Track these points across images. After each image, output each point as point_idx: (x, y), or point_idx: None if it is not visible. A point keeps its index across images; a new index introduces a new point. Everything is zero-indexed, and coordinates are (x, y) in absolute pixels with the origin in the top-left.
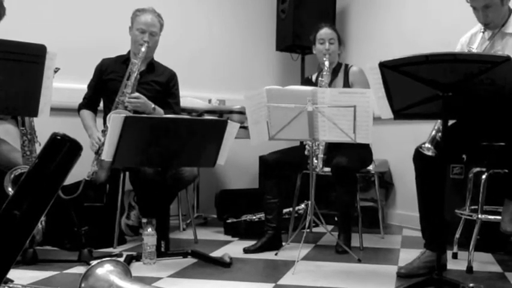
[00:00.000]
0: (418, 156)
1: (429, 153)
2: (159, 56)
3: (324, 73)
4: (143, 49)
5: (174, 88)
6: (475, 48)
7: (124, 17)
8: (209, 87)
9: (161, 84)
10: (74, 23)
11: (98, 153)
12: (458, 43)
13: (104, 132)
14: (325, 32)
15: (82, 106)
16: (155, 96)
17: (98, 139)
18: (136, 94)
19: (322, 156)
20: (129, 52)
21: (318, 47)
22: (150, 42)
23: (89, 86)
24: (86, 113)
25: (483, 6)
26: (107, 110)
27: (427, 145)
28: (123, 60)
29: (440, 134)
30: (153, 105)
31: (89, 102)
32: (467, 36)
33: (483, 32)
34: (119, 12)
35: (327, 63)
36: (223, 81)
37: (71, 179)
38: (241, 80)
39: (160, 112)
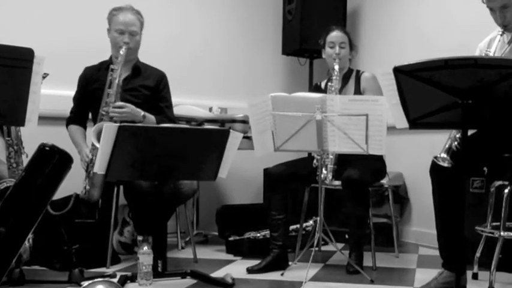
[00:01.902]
0: (435, 168)
1: (445, 164)
2: (154, 60)
3: (334, 78)
4: (121, 52)
5: (164, 91)
6: (492, 52)
7: None
8: (210, 94)
9: (150, 88)
10: (64, 24)
11: (88, 170)
12: (476, 49)
13: (93, 146)
14: (335, 35)
15: (69, 121)
16: (145, 102)
17: (87, 156)
18: (121, 103)
19: (332, 166)
20: (111, 57)
21: (328, 51)
22: (131, 43)
23: (74, 99)
24: (74, 129)
25: (501, 7)
26: (96, 123)
27: (443, 155)
28: (106, 67)
29: (456, 143)
30: (142, 113)
31: (76, 117)
32: (485, 41)
33: (501, 35)
34: None
35: (336, 67)
36: (225, 87)
37: (60, 193)
38: (245, 86)
39: (151, 119)
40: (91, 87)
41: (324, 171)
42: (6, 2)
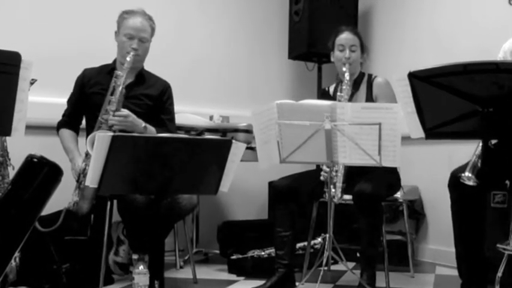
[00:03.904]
0: (454, 182)
1: (470, 182)
2: (151, 66)
3: (344, 86)
4: (128, 58)
5: (168, 102)
6: None
7: (110, 20)
8: (211, 101)
9: (153, 98)
10: (53, 26)
11: (79, 181)
12: (500, 50)
13: (87, 155)
14: (345, 37)
15: (61, 124)
16: (146, 112)
17: (79, 165)
18: (124, 112)
19: (340, 185)
20: (115, 61)
21: (337, 54)
22: (140, 49)
23: (69, 101)
24: (66, 133)
25: None
26: (90, 129)
27: (467, 174)
28: (109, 71)
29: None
30: (143, 124)
31: (70, 120)
32: (510, 42)
33: None
34: (105, 15)
35: (347, 74)
36: (227, 94)
37: (49, 208)
38: (248, 93)
39: (152, 131)
40: (89, 91)
41: (332, 189)
42: None
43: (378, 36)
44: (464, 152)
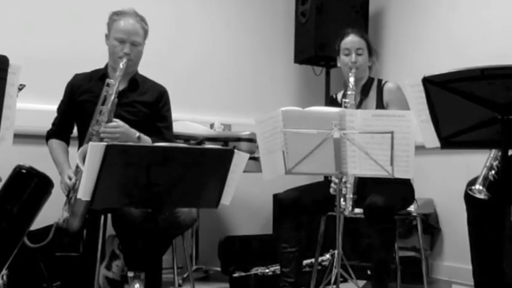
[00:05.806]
0: (471, 196)
1: (481, 196)
2: (148, 71)
3: (349, 92)
4: (121, 65)
5: (164, 109)
6: None
7: (104, 22)
8: (211, 108)
9: (147, 104)
10: (43, 28)
11: (69, 196)
12: None
13: (77, 168)
14: (351, 40)
15: (50, 135)
16: (141, 120)
17: (69, 178)
18: (114, 123)
19: (351, 196)
20: (107, 66)
21: (343, 59)
22: (132, 54)
23: (59, 110)
24: (56, 144)
25: None
26: (81, 139)
27: (478, 187)
28: (100, 76)
29: (493, 172)
30: (137, 134)
31: (59, 130)
32: None
33: None
34: (98, 16)
35: (351, 79)
36: (229, 101)
37: (39, 222)
38: (251, 99)
39: (146, 141)
40: (79, 98)
41: (342, 201)
42: None
43: (390, 39)
44: (483, 162)
